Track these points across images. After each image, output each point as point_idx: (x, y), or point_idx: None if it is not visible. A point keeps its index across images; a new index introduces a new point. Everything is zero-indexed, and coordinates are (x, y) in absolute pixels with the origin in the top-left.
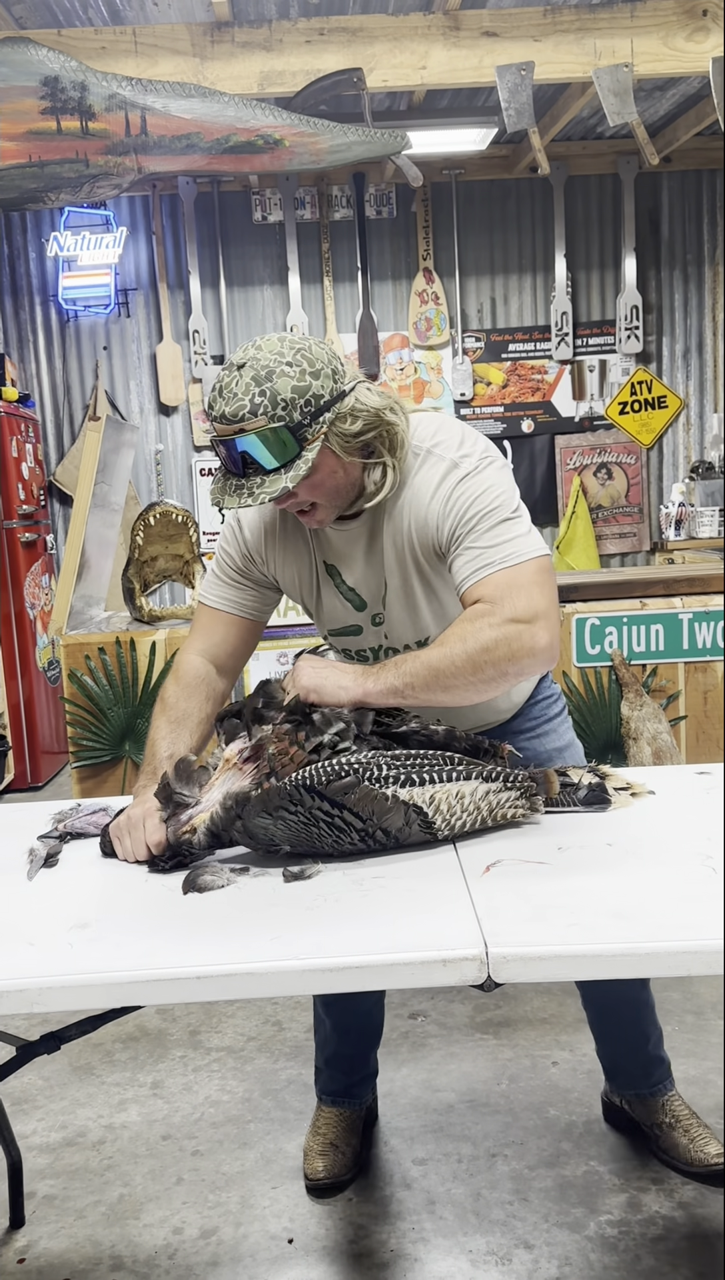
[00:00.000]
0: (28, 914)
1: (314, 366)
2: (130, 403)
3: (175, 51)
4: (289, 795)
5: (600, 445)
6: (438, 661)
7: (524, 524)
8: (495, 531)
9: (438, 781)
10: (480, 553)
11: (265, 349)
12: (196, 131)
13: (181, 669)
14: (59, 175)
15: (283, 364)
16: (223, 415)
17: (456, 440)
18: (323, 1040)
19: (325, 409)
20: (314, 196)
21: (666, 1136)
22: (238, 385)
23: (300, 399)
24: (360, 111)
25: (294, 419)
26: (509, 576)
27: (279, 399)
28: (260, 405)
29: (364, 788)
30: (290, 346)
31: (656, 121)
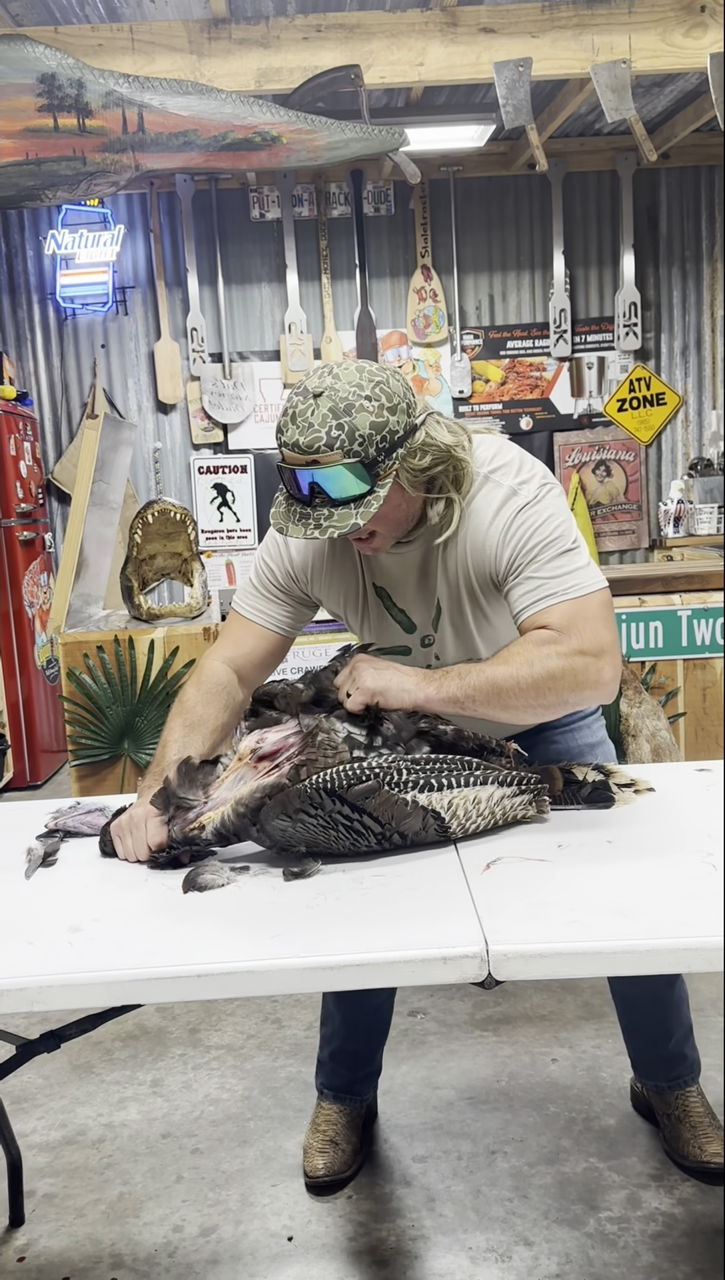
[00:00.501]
0: (27, 913)
1: (391, 401)
2: (128, 401)
3: (172, 48)
4: (310, 798)
5: (599, 442)
6: (503, 680)
7: (584, 555)
8: (557, 563)
9: (456, 787)
10: (543, 583)
11: (343, 379)
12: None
13: (205, 674)
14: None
15: (362, 397)
16: (296, 445)
17: (515, 466)
18: (330, 1034)
19: (399, 444)
20: (312, 194)
21: (672, 1129)
22: (314, 416)
23: (377, 435)
24: (358, 108)
25: (369, 455)
26: (575, 608)
27: (357, 435)
28: (337, 440)
29: (385, 793)
30: (369, 379)
31: (655, 118)
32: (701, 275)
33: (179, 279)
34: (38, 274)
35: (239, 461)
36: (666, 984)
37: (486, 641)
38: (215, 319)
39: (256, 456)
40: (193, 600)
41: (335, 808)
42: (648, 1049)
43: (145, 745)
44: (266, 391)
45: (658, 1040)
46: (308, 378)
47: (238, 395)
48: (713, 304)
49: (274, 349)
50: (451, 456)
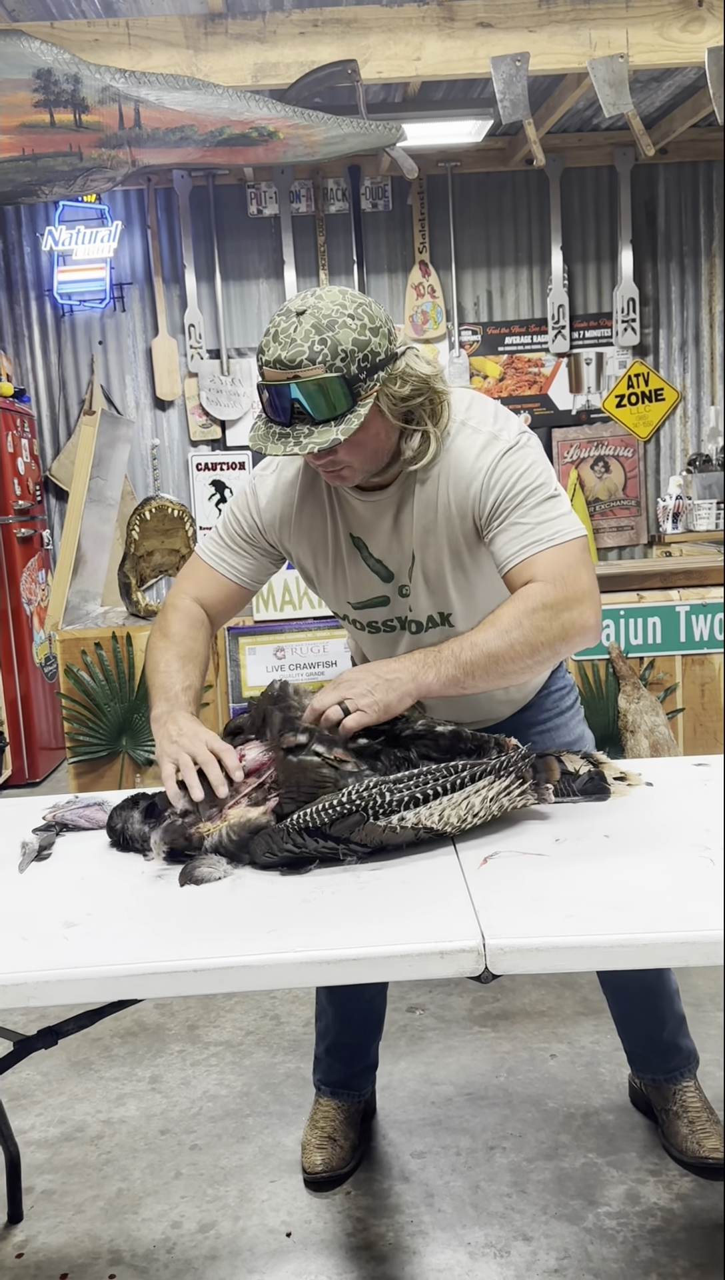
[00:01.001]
0: (22, 907)
1: (374, 323)
2: (126, 397)
3: (168, 44)
4: (291, 838)
5: (597, 438)
6: (498, 648)
7: (565, 503)
8: (542, 508)
9: (445, 793)
10: (528, 529)
11: (326, 299)
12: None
13: (181, 607)
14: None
15: (345, 315)
16: (278, 360)
17: (491, 414)
18: (324, 1029)
19: (380, 367)
20: (309, 190)
21: (670, 1124)
22: (297, 331)
23: (359, 353)
24: (355, 104)
25: (350, 371)
26: (557, 555)
27: (339, 349)
28: (319, 353)
29: (369, 825)
30: (352, 300)
31: (653, 113)
32: (700, 271)
33: (176, 275)
34: (35, 271)
35: (237, 458)
36: (657, 974)
37: (460, 592)
38: (213, 315)
39: (255, 453)
40: None
41: (319, 845)
42: (643, 1040)
43: (143, 742)
44: None
45: (652, 1031)
46: (290, 300)
47: (236, 392)
48: (711, 299)
49: None
50: (430, 387)
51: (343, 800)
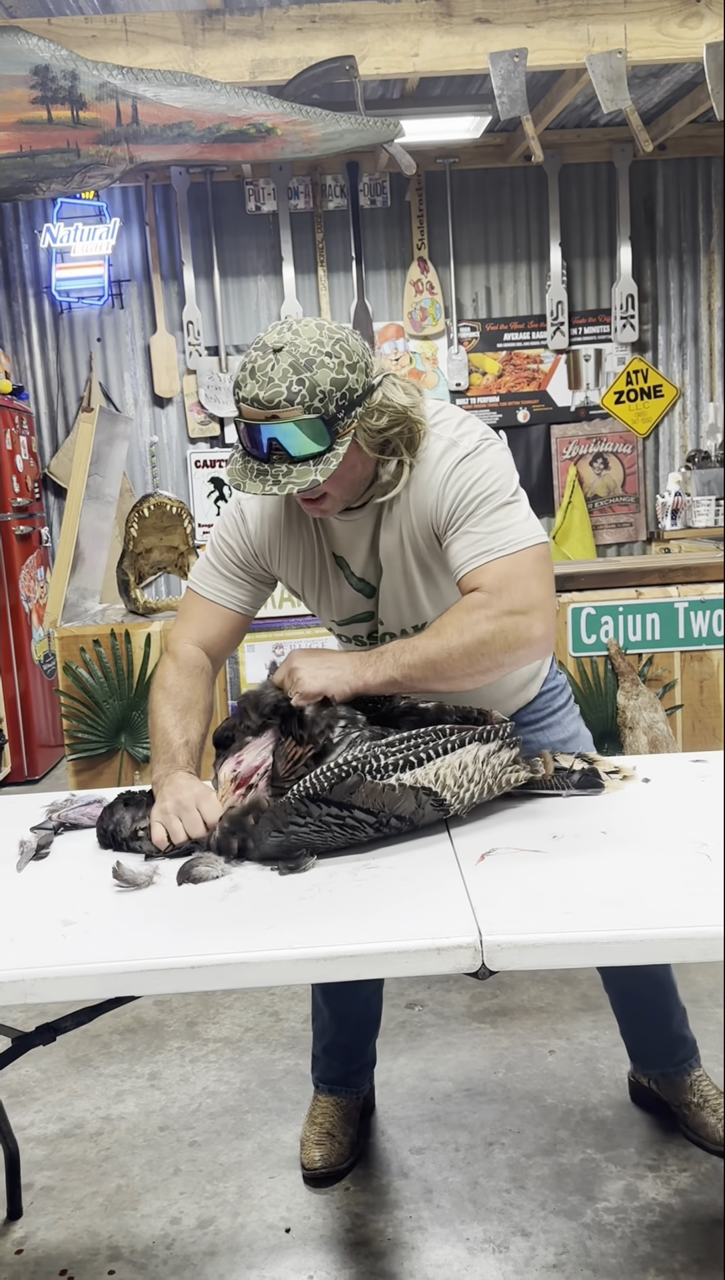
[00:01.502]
0: (20, 905)
1: (351, 359)
2: (125, 395)
3: (166, 40)
4: (295, 809)
5: (596, 435)
6: (435, 653)
7: (523, 509)
8: (494, 516)
9: (437, 756)
10: (480, 538)
11: (303, 335)
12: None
13: (180, 656)
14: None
15: (322, 354)
16: (256, 399)
17: (455, 420)
18: (321, 1029)
19: (358, 403)
20: (308, 186)
21: (695, 1116)
22: (275, 370)
23: (337, 391)
24: (353, 100)
25: (329, 411)
26: (507, 565)
27: (317, 390)
28: (297, 394)
29: (368, 783)
30: (329, 336)
31: (651, 109)
32: (699, 267)
33: (175, 272)
34: (33, 268)
35: None
36: (662, 967)
37: (433, 604)
38: (211, 312)
39: None
40: None
41: (323, 811)
42: (651, 1035)
43: (142, 739)
44: None
45: (660, 1024)
46: (266, 333)
47: None
48: (710, 296)
49: None
50: (407, 418)
51: (339, 762)
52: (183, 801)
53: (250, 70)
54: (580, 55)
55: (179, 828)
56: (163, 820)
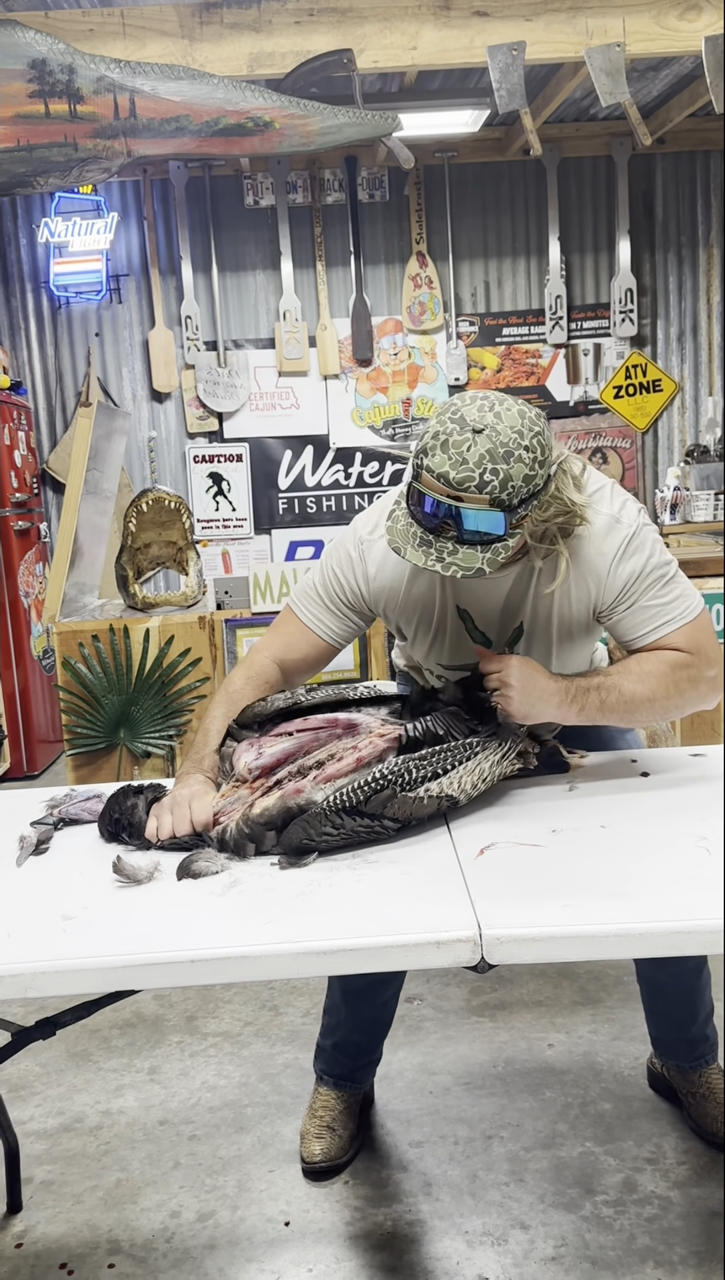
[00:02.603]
0: (19, 900)
1: (544, 454)
2: (123, 389)
3: (163, 33)
4: (330, 820)
5: (595, 430)
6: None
7: (683, 577)
8: (666, 590)
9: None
10: (660, 609)
11: (505, 421)
12: (186, 114)
13: (254, 668)
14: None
15: (521, 447)
16: (446, 478)
17: (608, 494)
18: (335, 1025)
19: (537, 495)
20: (306, 180)
21: (699, 1107)
22: (471, 452)
23: (525, 487)
24: (351, 93)
25: (512, 505)
26: (694, 630)
27: (509, 484)
28: (489, 484)
29: (402, 798)
30: (529, 427)
31: (650, 102)
32: (698, 261)
33: (173, 267)
34: (31, 262)
35: (234, 450)
36: (694, 970)
37: (560, 658)
38: (209, 307)
39: (252, 445)
40: (188, 589)
41: (356, 823)
42: (671, 1032)
43: (141, 734)
44: (261, 380)
45: (682, 1024)
46: (464, 404)
47: (232, 384)
48: (709, 290)
49: (269, 336)
50: (573, 513)
51: (376, 777)
52: (178, 798)
53: (248, 64)
54: (579, 48)
55: (167, 823)
56: (156, 813)
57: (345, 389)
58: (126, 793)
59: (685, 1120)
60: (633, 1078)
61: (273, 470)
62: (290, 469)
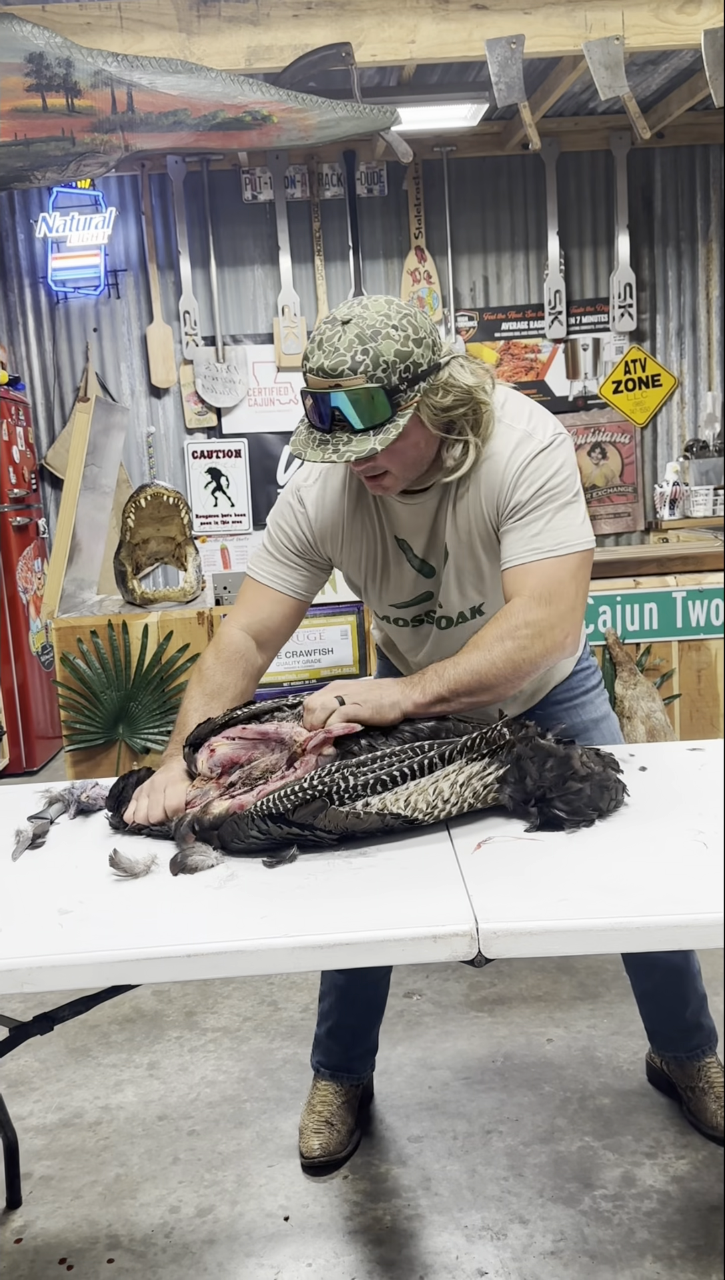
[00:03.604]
0: (15, 895)
1: (418, 334)
2: (121, 385)
3: (161, 27)
4: (255, 825)
5: (594, 424)
6: (482, 667)
7: (579, 510)
8: (554, 516)
9: (412, 777)
10: (535, 535)
11: (372, 309)
12: (183, 108)
13: (222, 642)
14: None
15: (389, 326)
16: (321, 369)
17: (526, 412)
18: (327, 1010)
19: (422, 378)
20: (304, 175)
21: (697, 1100)
22: (341, 341)
23: (401, 364)
24: (349, 87)
25: (391, 382)
26: (553, 568)
27: (381, 360)
28: (361, 364)
29: (332, 810)
30: (397, 310)
31: (649, 96)
32: (697, 256)
33: (171, 262)
34: (29, 257)
35: (233, 446)
36: (682, 954)
37: (492, 583)
38: (208, 302)
39: (251, 441)
40: (187, 584)
41: (284, 831)
42: (665, 1020)
43: (139, 730)
44: (260, 375)
45: (674, 1010)
46: (337, 308)
47: (231, 379)
48: (708, 284)
49: (267, 332)
50: (473, 398)
51: (305, 785)
52: (155, 783)
53: (246, 57)
54: (578, 42)
55: (144, 807)
56: (137, 796)
57: None
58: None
59: (684, 1114)
60: (632, 1072)
61: (271, 466)
62: (289, 464)
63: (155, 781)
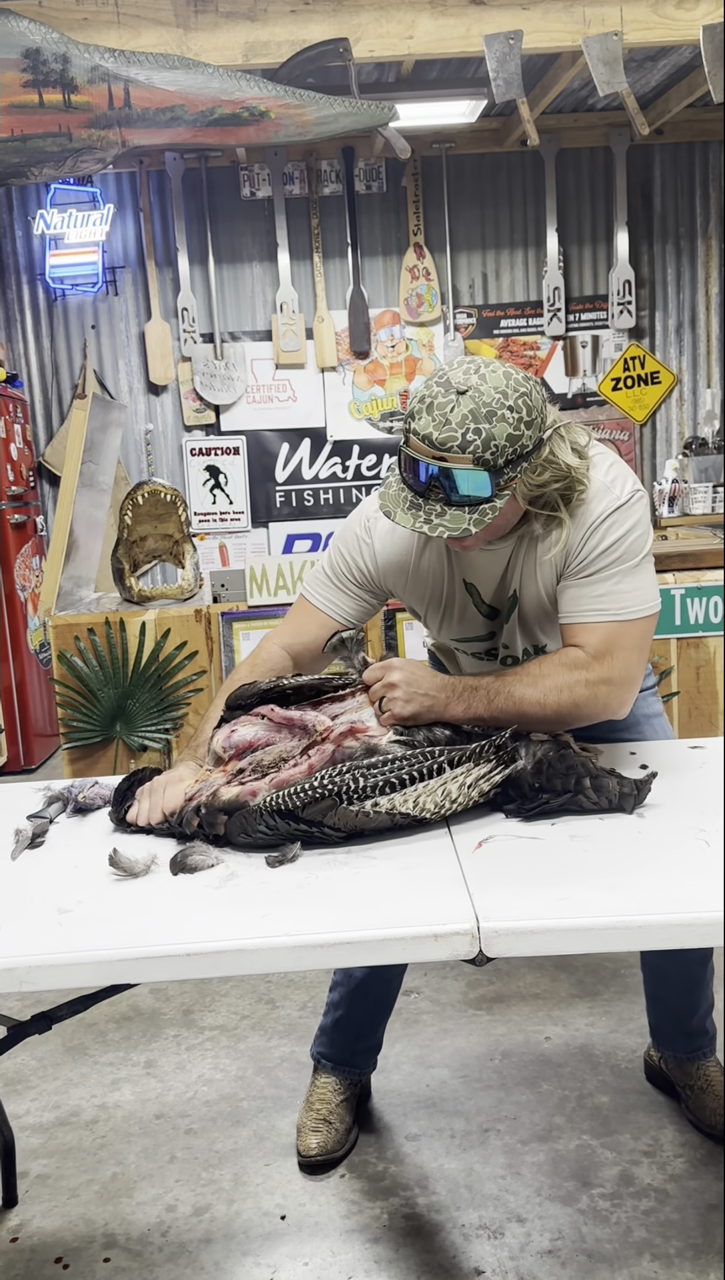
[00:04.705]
0: (14, 894)
1: (530, 415)
2: (119, 382)
3: (158, 22)
4: (264, 820)
5: (593, 422)
6: (528, 704)
7: (648, 573)
8: (619, 577)
9: (422, 779)
10: (600, 595)
11: (489, 381)
12: (180, 104)
13: (260, 655)
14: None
15: (504, 407)
16: (430, 439)
17: (606, 463)
18: (336, 1001)
19: (526, 458)
20: (303, 172)
21: (696, 1099)
22: (453, 413)
23: (510, 447)
24: (347, 83)
25: (498, 465)
26: (616, 633)
27: (492, 443)
28: (472, 444)
29: (342, 809)
30: (514, 388)
31: (648, 93)
32: (696, 252)
33: (169, 258)
34: (27, 254)
35: (231, 443)
36: (700, 961)
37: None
38: (206, 299)
39: (249, 438)
40: (184, 582)
41: (292, 827)
42: (671, 1022)
43: (137, 728)
44: (258, 372)
45: (683, 1015)
46: (452, 368)
47: (229, 376)
48: (707, 281)
49: (265, 329)
50: (571, 477)
51: (315, 784)
52: (155, 784)
53: (243, 53)
54: (576, 37)
55: (144, 808)
56: (138, 795)
57: (342, 381)
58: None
59: (683, 1113)
60: (630, 1071)
61: (270, 463)
62: (287, 462)
63: (156, 783)
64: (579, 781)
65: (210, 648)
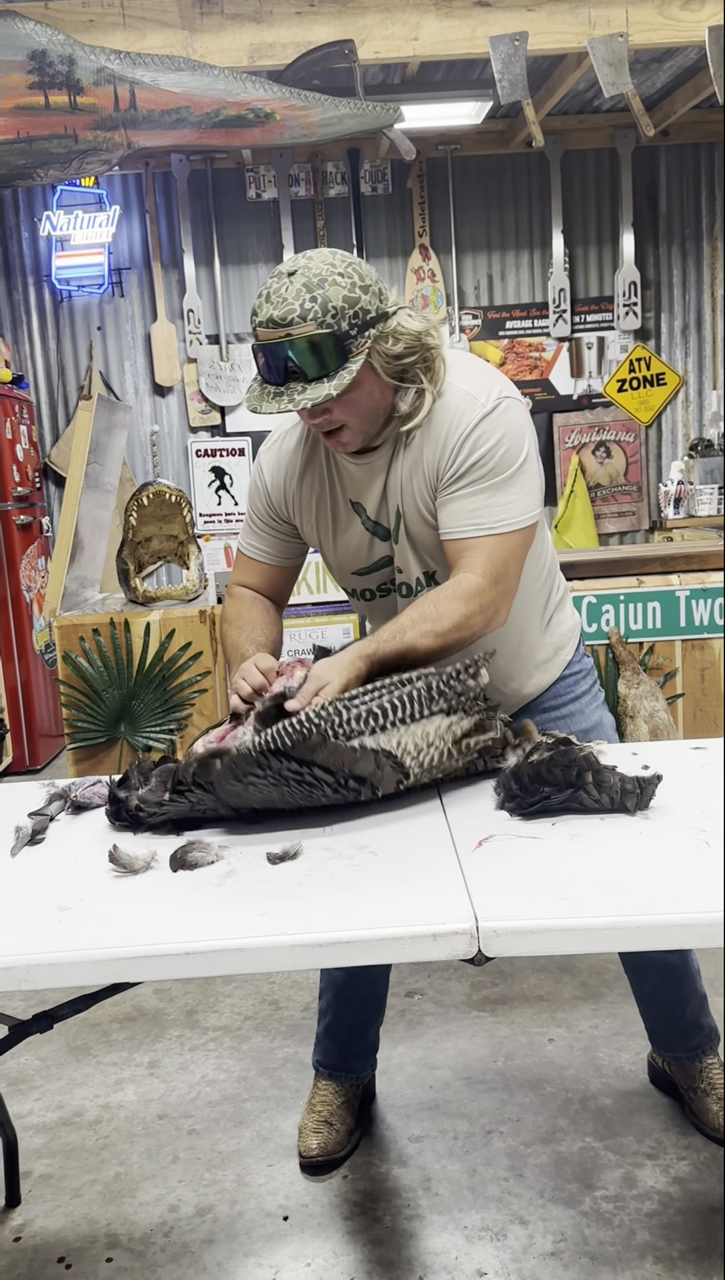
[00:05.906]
0: (14, 891)
1: (364, 280)
2: (125, 383)
3: (164, 24)
4: (255, 760)
5: (599, 423)
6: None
7: (526, 482)
8: (493, 490)
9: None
10: (478, 509)
11: (316, 259)
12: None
13: (236, 592)
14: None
15: (335, 274)
16: (270, 319)
17: (476, 373)
18: (325, 1008)
19: (371, 324)
20: (308, 173)
21: (699, 1101)
22: (288, 291)
23: (349, 309)
24: (352, 85)
25: (341, 328)
26: (498, 546)
27: (329, 306)
28: (310, 311)
29: (332, 744)
30: (341, 259)
31: (653, 94)
32: (701, 254)
33: (175, 260)
34: (33, 256)
35: (237, 444)
36: (679, 953)
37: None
38: (212, 300)
39: (255, 439)
40: (189, 583)
41: (283, 765)
42: (665, 1020)
43: (141, 728)
44: None
45: (673, 1010)
46: (283, 264)
47: (235, 377)
48: (713, 283)
49: None
50: (423, 345)
51: (303, 720)
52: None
53: (248, 55)
54: (581, 39)
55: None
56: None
57: None
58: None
59: (686, 1115)
60: (633, 1073)
61: None
62: None
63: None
64: (581, 775)
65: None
